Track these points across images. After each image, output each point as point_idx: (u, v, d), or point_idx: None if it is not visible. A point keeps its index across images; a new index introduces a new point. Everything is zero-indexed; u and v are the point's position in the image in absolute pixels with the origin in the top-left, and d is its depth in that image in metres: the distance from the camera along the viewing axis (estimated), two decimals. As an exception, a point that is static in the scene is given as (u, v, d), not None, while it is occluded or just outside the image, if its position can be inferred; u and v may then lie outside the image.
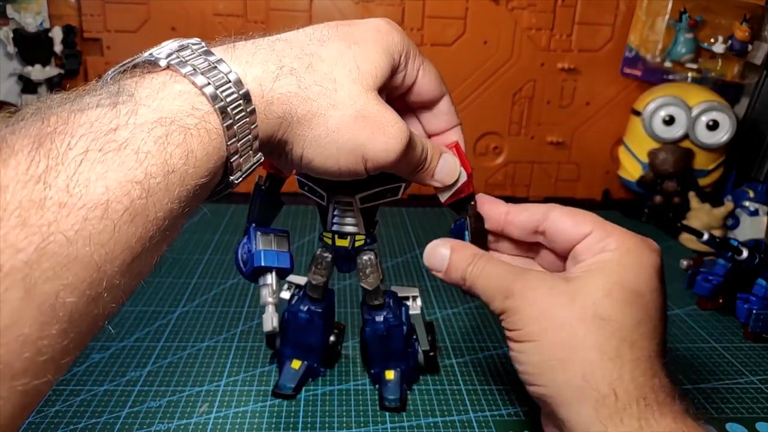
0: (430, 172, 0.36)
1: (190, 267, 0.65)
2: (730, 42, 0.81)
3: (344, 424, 0.42)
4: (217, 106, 0.26)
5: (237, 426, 0.41)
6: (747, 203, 0.76)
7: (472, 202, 0.39)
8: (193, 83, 0.26)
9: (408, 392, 0.45)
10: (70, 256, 0.20)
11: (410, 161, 0.34)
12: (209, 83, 0.26)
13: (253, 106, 0.27)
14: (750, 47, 0.81)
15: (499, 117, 0.88)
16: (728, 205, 0.76)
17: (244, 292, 0.60)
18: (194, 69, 0.26)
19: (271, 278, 0.37)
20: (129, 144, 0.23)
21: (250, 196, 0.41)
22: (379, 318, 0.43)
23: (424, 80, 0.36)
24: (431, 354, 0.45)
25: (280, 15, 0.81)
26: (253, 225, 0.40)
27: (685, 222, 0.77)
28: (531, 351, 0.32)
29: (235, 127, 0.26)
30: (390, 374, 0.45)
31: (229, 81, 0.26)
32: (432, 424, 0.42)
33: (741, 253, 0.54)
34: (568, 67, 0.86)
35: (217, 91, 0.26)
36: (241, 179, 0.28)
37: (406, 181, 0.38)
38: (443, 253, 0.36)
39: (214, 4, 0.80)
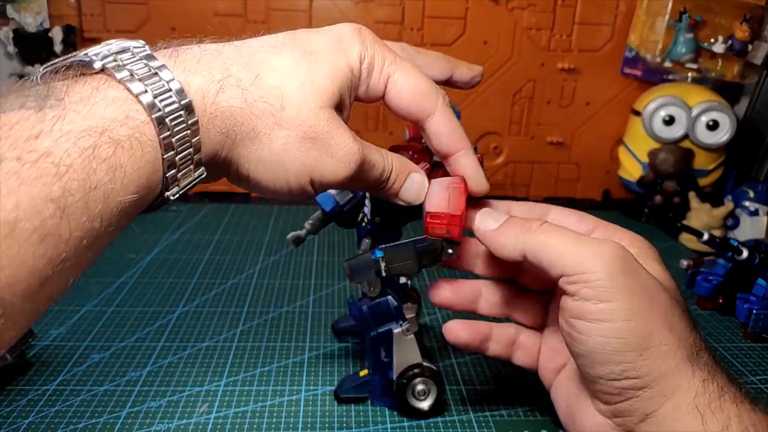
0: (394, 191, 0.33)
1: (190, 267, 0.65)
2: (730, 42, 0.81)
3: (344, 425, 0.42)
4: (154, 116, 0.24)
5: (237, 426, 0.41)
6: (747, 203, 0.76)
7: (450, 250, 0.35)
8: (129, 90, 0.24)
9: (370, 403, 0.44)
10: None
11: (366, 181, 0.32)
12: (147, 91, 0.24)
13: (195, 118, 0.25)
14: (750, 47, 0.81)
15: (499, 117, 0.88)
16: (728, 205, 0.76)
17: (244, 292, 0.60)
18: (131, 74, 0.24)
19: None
20: (50, 154, 0.20)
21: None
22: (363, 305, 0.41)
23: (393, 94, 0.32)
24: (395, 389, 0.42)
25: (280, 15, 0.81)
26: None
27: (685, 222, 0.77)
28: (632, 333, 0.28)
29: (173, 139, 0.24)
30: (364, 372, 0.44)
31: (170, 90, 0.24)
32: (432, 424, 0.42)
33: (741, 253, 0.54)
34: (568, 67, 0.86)
35: (156, 100, 0.24)
36: (178, 195, 0.26)
37: None
38: (497, 214, 0.34)
39: (214, 4, 0.80)
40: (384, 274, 0.36)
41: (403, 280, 0.44)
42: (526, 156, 0.91)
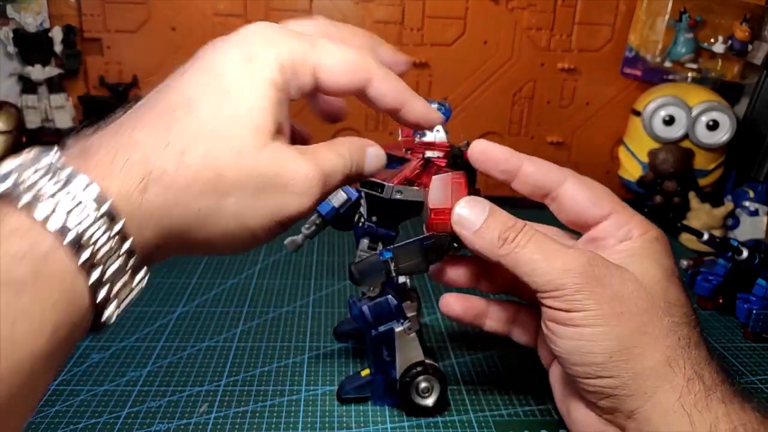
0: (359, 175, 0.31)
1: (190, 267, 0.65)
2: (730, 42, 0.81)
3: (344, 425, 0.42)
4: (67, 241, 0.21)
5: (237, 426, 0.41)
6: (747, 203, 0.76)
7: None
8: (32, 217, 0.20)
9: (370, 403, 0.44)
10: None
11: (334, 185, 0.29)
12: (54, 211, 0.21)
13: (120, 225, 0.22)
14: (750, 47, 0.81)
15: (499, 117, 0.88)
16: (728, 205, 0.76)
17: (244, 292, 0.60)
18: (35, 196, 0.21)
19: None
20: None
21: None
22: (363, 305, 0.41)
23: (325, 79, 0.29)
24: (404, 393, 0.42)
25: (280, 15, 0.81)
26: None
27: (685, 222, 0.77)
28: (602, 337, 0.29)
29: (96, 257, 0.21)
30: (365, 372, 0.44)
31: (83, 202, 0.21)
32: (432, 424, 0.42)
33: (741, 253, 0.54)
34: (568, 67, 0.86)
35: (68, 220, 0.21)
36: (121, 309, 0.23)
37: None
38: (480, 209, 0.33)
39: (214, 4, 0.80)
40: (393, 275, 0.36)
41: (402, 279, 0.44)
42: (526, 156, 0.91)
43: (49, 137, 0.81)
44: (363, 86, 0.30)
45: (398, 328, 0.41)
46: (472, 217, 0.33)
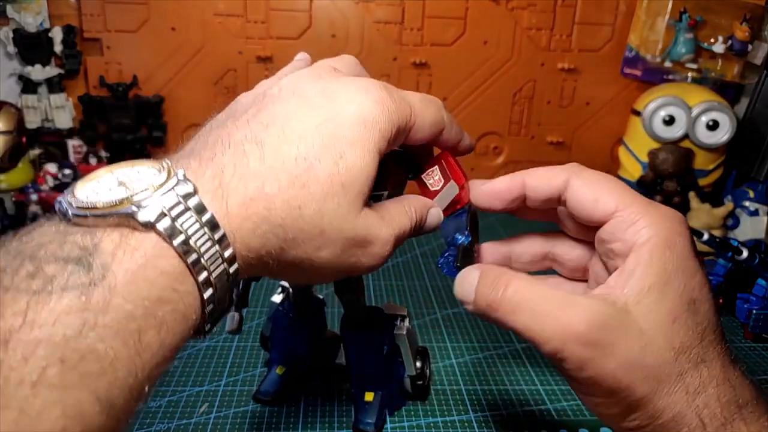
0: (419, 232, 0.33)
1: (190, 267, 0.65)
2: (730, 42, 0.81)
3: (344, 425, 0.42)
4: (202, 284, 0.23)
5: (237, 426, 0.41)
6: (747, 203, 0.76)
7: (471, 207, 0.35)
8: (184, 261, 0.23)
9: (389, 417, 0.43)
10: None
11: (403, 242, 0.32)
12: (199, 258, 0.23)
13: (236, 267, 0.25)
14: (750, 47, 0.81)
15: (499, 117, 0.88)
16: (728, 205, 0.76)
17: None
18: (185, 240, 0.23)
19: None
20: (94, 351, 0.19)
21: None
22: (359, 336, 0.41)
23: (418, 135, 0.31)
24: (419, 382, 0.43)
25: (280, 15, 0.81)
26: None
27: (685, 222, 0.77)
28: (609, 407, 0.28)
29: (216, 295, 0.24)
30: (369, 396, 0.42)
31: (220, 255, 0.24)
32: (432, 424, 0.42)
33: (741, 253, 0.54)
34: (568, 67, 0.86)
35: (205, 264, 0.23)
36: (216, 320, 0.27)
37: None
38: (469, 283, 0.31)
39: (214, 4, 0.80)
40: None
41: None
42: (526, 156, 0.91)
43: (48, 137, 0.81)
44: (436, 137, 0.32)
45: (396, 331, 0.42)
46: (465, 294, 0.31)
